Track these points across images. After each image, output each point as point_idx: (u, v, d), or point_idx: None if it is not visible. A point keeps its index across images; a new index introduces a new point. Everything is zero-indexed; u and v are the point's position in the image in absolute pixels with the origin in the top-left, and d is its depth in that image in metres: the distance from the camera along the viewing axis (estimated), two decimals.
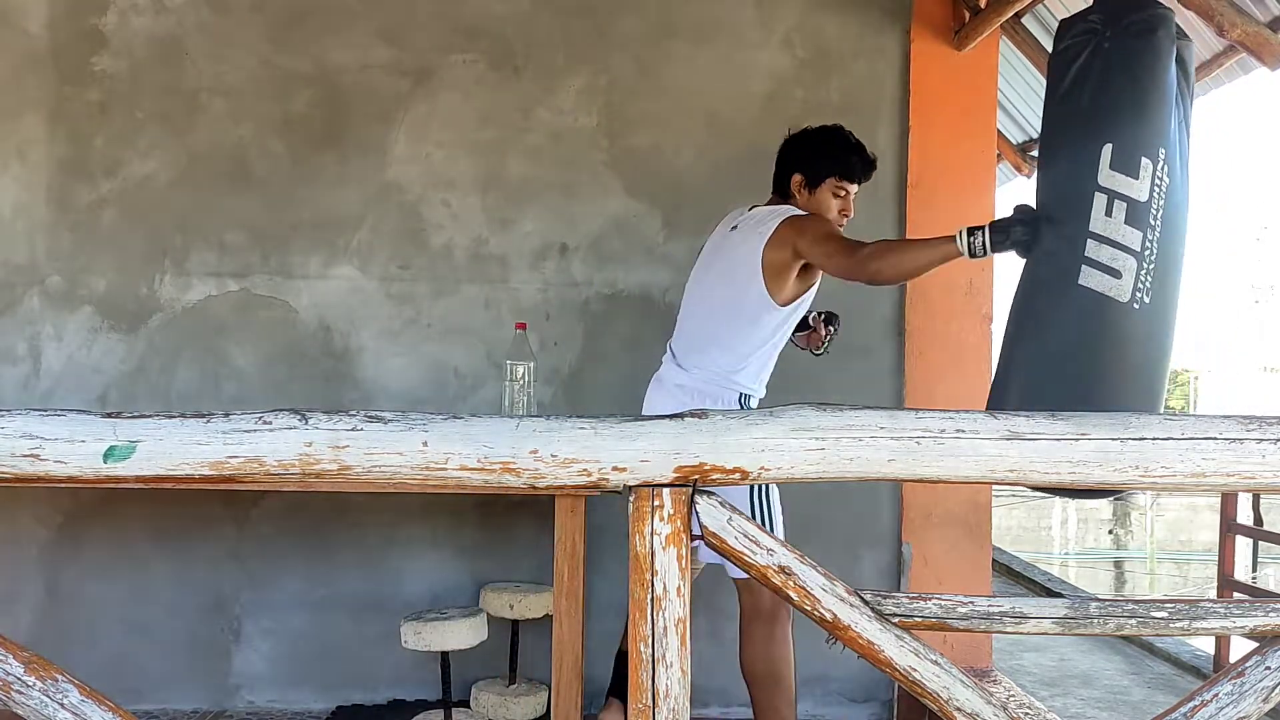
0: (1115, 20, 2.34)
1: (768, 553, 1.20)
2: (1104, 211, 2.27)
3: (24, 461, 1.15)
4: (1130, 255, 2.26)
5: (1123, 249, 2.26)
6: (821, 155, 2.75)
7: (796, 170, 2.76)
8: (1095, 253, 2.27)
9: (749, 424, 1.19)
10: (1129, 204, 2.26)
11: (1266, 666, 1.24)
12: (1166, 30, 2.31)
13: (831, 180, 2.73)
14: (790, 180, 2.76)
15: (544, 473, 1.17)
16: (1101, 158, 2.28)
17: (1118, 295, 2.26)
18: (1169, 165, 2.29)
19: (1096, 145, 2.29)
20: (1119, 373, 2.32)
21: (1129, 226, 2.26)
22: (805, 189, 2.75)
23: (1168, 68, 2.31)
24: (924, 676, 1.22)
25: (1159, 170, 2.27)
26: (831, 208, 2.74)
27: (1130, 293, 2.26)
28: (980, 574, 3.48)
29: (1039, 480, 1.22)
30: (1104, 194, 2.26)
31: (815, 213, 2.71)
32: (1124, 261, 2.26)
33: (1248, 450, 1.20)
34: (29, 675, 1.18)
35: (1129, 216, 2.26)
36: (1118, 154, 2.27)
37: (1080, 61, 2.36)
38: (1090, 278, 2.27)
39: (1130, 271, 2.26)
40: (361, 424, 1.17)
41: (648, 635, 1.17)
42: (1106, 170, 2.27)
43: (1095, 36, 2.36)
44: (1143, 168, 2.26)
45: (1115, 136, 2.28)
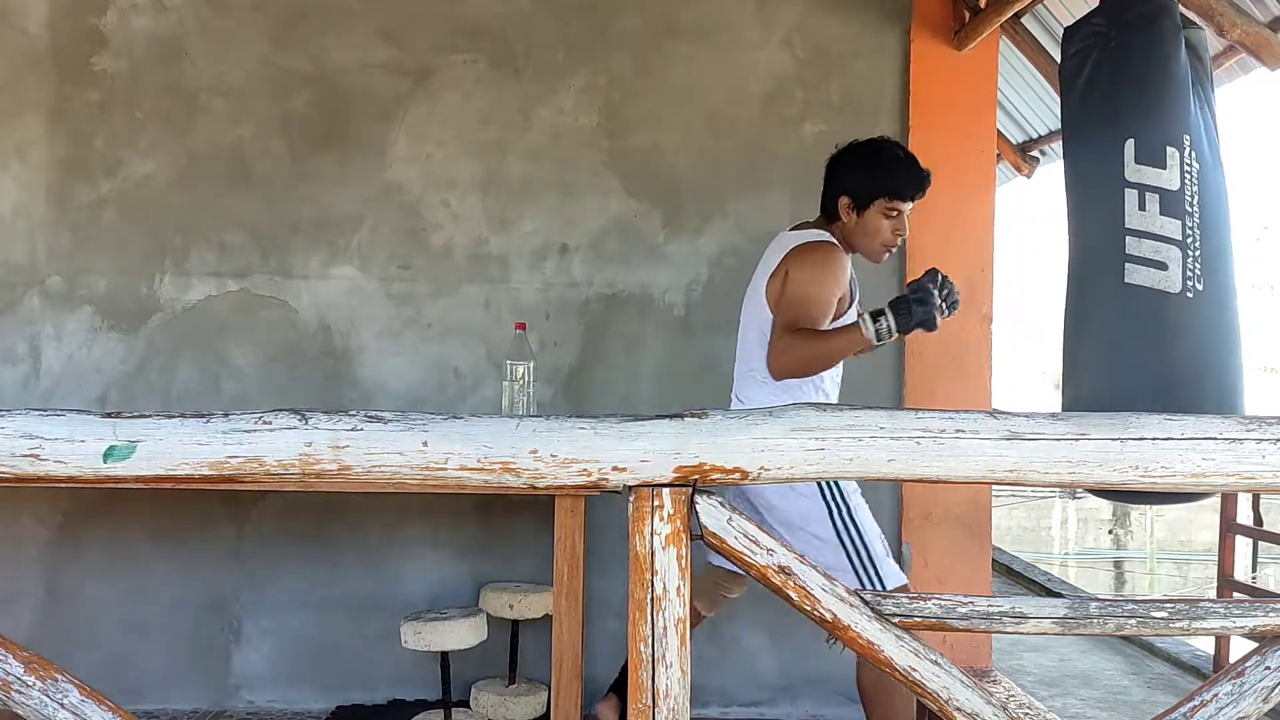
0: (1118, 18, 2.33)
1: (767, 553, 1.20)
2: (1137, 206, 2.24)
3: (24, 461, 1.15)
4: (1173, 245, 2.23)
5: (1164, 240, 2.23)
6: (869, 173, 2.57)
7: (843, 191, 2.58)
8: (1136, 248, 2.24)
9: (749, 424, 1.19)
10: (1161, 195, 2.23)
11: (1266, 666, 1.24)
12: (1170, 19, 2.30)
13: (881, 201, 2.55)
14: (838, 202, 2.59)
15: (544, 473, 1.17)
16: (1125, 153, 2.26)
17: (1168, 287, 2.23)
18: (1196, 150, 2.27)
19: (1117, 142, 2.27)
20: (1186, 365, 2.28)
21: (1166, 217, 2.23)
22: (854, 211, 2.57)
23: (1177, 55, 2.29)
24: (924, 676, 1.22)
25: (1187, 157, 2.25)
26: (884, 229, 2.57)
27: (1181, 283, 2.23)
28: (980, 574, 3.48)
29: (1039, 480, 1.22)
30: (1134, 189, 2.24)
31: (860, 237, 2.58)
32: (1168, 252, 2.23)
33: (1248, 450, 1.20)
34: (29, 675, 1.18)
35: (1164, 207, 2.23)
36: (1141, 147, 2.25)
37: (1090, 64, 2.35)
38: (1136, 274, 2.24)
39: (1176, 261, 2.23)
40: (361, 424, 1.17)
41: (648, 635, 1.17)
42: (1132, 165, 2.25)
43: (1101, 38, 2.35)
44: (1169, 156, 2.24)
45: (1135, 131, 2.26)
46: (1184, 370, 2.28)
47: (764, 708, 3.40)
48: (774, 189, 3.40)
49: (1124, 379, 2.30)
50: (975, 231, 3.48)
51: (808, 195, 3.43)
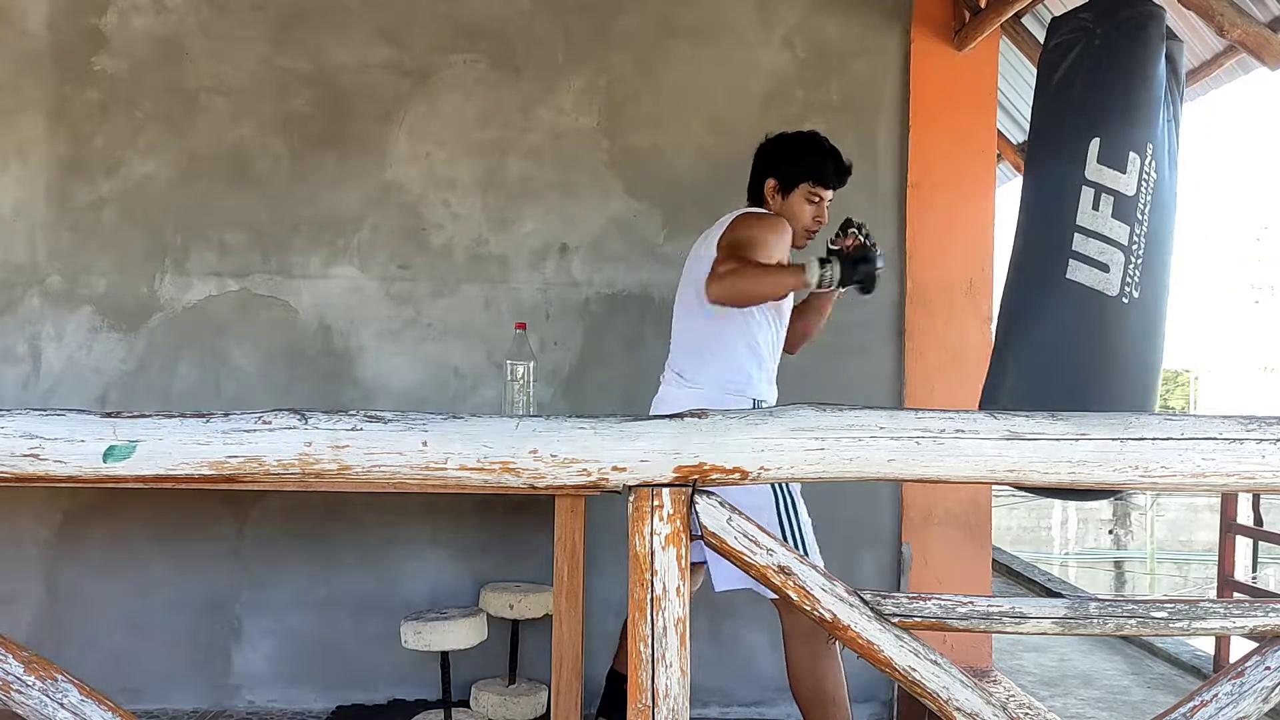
0: (1106, 17, 2.35)
1: (767, 553, 1.20)
2: (1091, 205, 2.27)
3: (24, 461, 1.15)
4: (1118, 249, 2.26)
5: (1110, 243, 2.26)
6: (795, 160, 2.69)
7: (770, 175, 2.71)
8: (1083, 246, 2.27)
9: (749, 424, 1.19)
10: (1116, 198, 2.26)
11: (1266, 666, 1.24)
12: (1156, 28, 2.32)
13: (805, 185, 2.68)
14: (764, 185, 2.72)
15: (544, 473, 1.17)
16: (1089, 152, 2.28)
17: (1106, 289, 2.26)
18: (1157, 160, 2.30)
19: (1084, 139, 2.29)
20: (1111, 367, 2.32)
21: (1116, 220, 2.26)
22: (779, 194, 2.70)
23: (1157, 65, 2.31)
24: (923, 676, 1.22)
25: (1147, 165, 2.28)
26: (805, 214, 2.69)
27: (1119, 286, 2.26)
28: (980, 574, 3.48)
29: (1039, 480, 1.22)
30: (1091, 187, 2.27)
31: (790, 220, 2.66)
32: (1112, 255, 2.26)
33: (1247, 450, 1.20)
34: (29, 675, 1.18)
35: (1116, 210, 2.26)
36: (1105, 148, 2.28)
37: (1071, 58, 2.37)
38: (1078, 272, 2.27)
39: (1118, 265, 2.26)
40: (361, 424, 1.17)
41: (647, 635, 1.17)
42: (1094, 164, 2.28)
43: (1086, 33, 2.36)
44: (1130, 162, 2.27)
45: (1103, 131, 2.28)
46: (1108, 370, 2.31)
47: (764, 708, 3.40)
48: None
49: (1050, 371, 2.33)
50: (975, 231, 3.48)
51: None
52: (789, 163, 2.69)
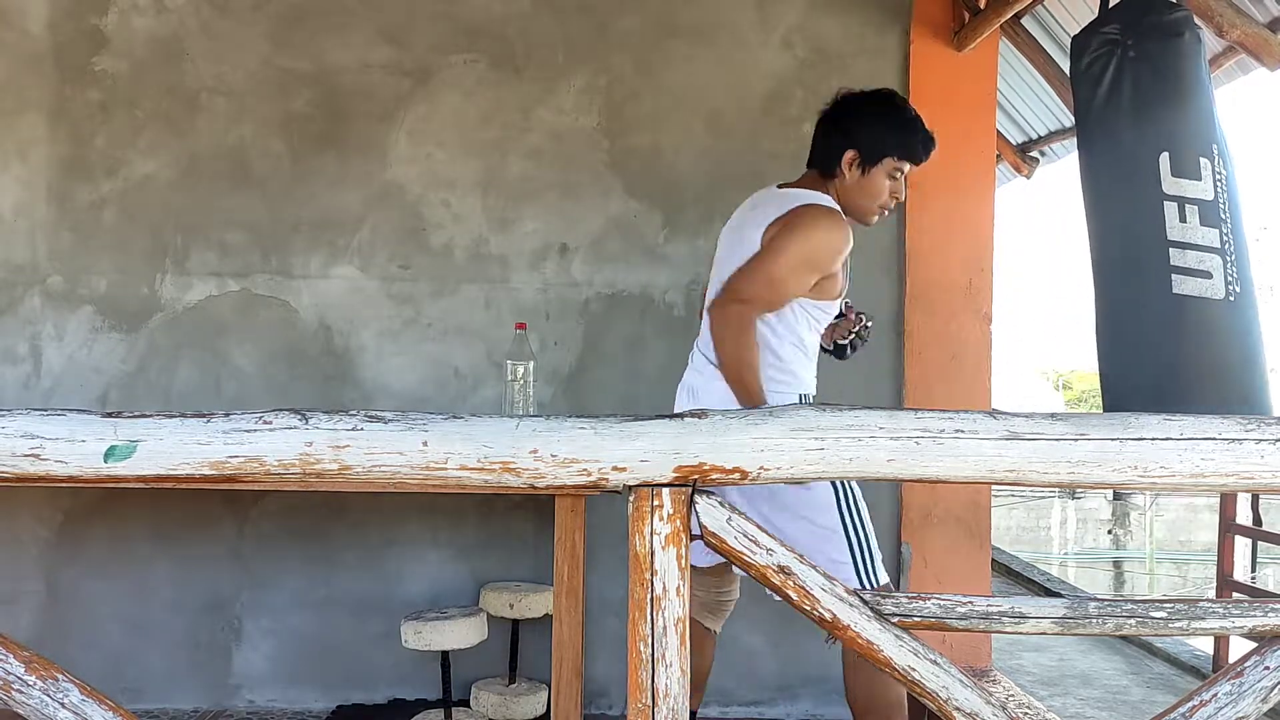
0: (1135, 28, 2.35)
1: (767, 552, 1.20)
2: (1178, 218, 2.29)
3: (24, 461, 1.15)
4: (1214, 254, 2.29)
5: (1206, 250, 2.29)
6: (885, 130, 2.39)
7: (851, 144, 2.37)
8: (1181, 259, 2.30)
9: (749, 424, 1.19)
10: (1200, 206, 2.29)
11: (1265, 666, 1.24)
12: (1192, 31, 2.33)
13: (890, 160, 2.38)
14: (842, 156, 2.37)
15: (544, 473, 1.18)
16: (1160, 167, 2.31)
17: (1214, 294, 2.29)
18: (1223, 158, 2.32)
19: (1152, 155, 2.31)
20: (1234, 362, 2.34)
21: (1205, 227, 2.29)
22: (859, 167, 2.37)
23: (1200, 66, 2.33)
24: (923, 676, 1.22)
25: (1217, 165, 2.31)
26: (883, 191, 2.40)
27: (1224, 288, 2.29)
28: (980, 574, 3.48)
29: (1038, 480, 1.22)
30: (1173, 201, 2.30)
31: (860, 197, 2.39)
32: (1211, 261, 2.29)
33: (1247, 450, 1.21)
34: (29, 674, 1.18)
35: (1203, 218, 2.29)
36: (1176, 159, 2.30)
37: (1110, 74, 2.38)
38: (1184, 284, 2.30)
39: (1219, 269, 2.29)
40: (361, 424, 1.17)
41: (647, 635, 1.17)
42: (1170, 178, 2.30)
43: (1118, 46, 2.37)
44: (1203, 168, 2.29)
45: (1169, 144, 2.31)
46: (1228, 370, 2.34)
47: (764, 708, 3.40)
48: None
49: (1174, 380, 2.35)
50: (975, 231, 3.48)
51: None
52: (878, 132, 2.38)
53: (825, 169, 2.41)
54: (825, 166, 2.41)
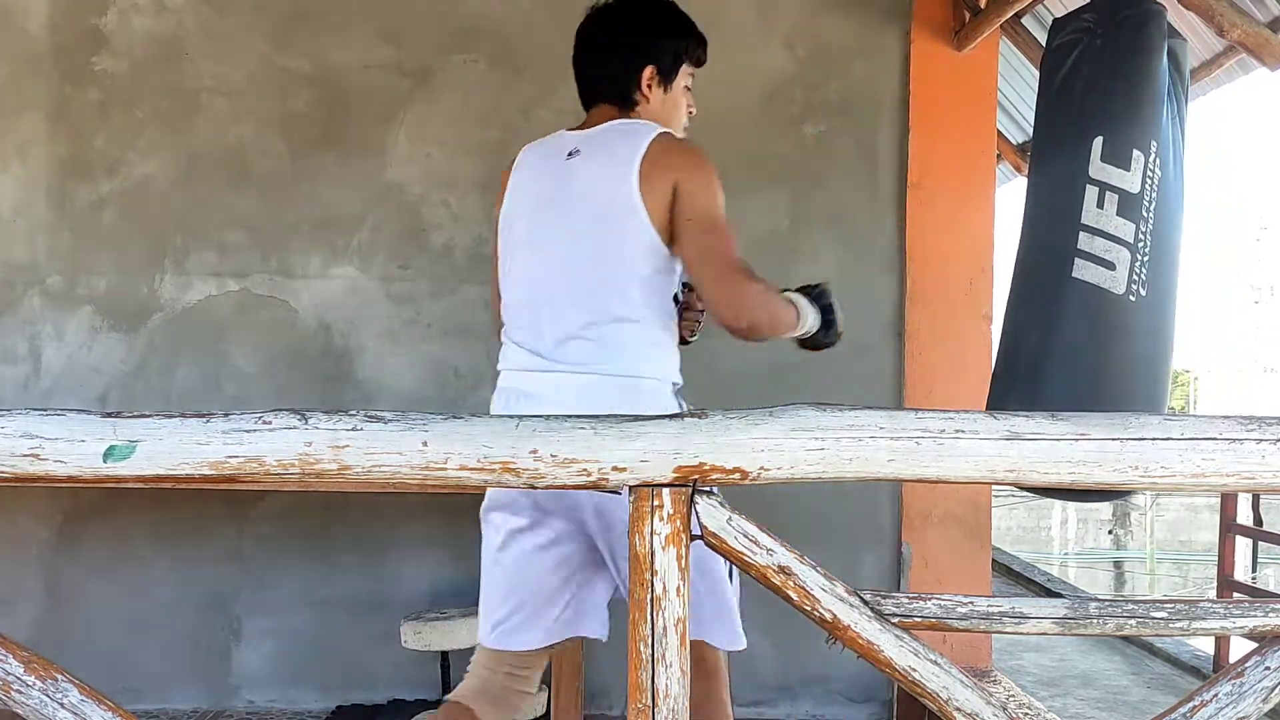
0: (1108, 17, 2.35)
1: (767, 553, 1.20)
2: (1095, 204, 2.27)
3: (24, 461, 1.15)
4: (1123, 247, 2.26)
5: (1116, 241, 2.27)
6: (670, 35, 2.03)
7: (647, 60, 1.96)
8: (1088, 245, 2.27)
9: (749, 424, 1.19)
10: (1121, 196, 2.27)
11: (1266, 667, 1.24)
12: (1158, 26, 2.32)
13: (686, 67, 2.04)
14: (639, 75, 1.95)
15: (544, 473, 1.17)
16: (1092, 150, 2.29)
17: (1112, 287, 2.26)
18: (1161, 158, 2.30)
19: (1087, 138, 2.30)
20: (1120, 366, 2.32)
21: (1121, 218, 2.27)
22: (661, 84, 1.99)
23: (1159, 62, 2.31)
24: (923, 676, 1.22)
25: (1151, 163, 2.28)
26: (683, 110, 2.06)
27: (1125, 284, 2.26)
28: (980, 574, 3.48)
29: (1039, 480, 1.22)
30: (1095, 186, 2.27)
31: (669, 118, 2.00)
32: (1117, 253, 2.26)
33: (1247, 450, 1.20)
34: (29, 675, 1.18)
35: (1121, 208, 2.27)
36: (1109, 146, 2.28)
37: (1072, 58, 2.37)
38: (1084, 270, 2.28)
39: (1124, 263, 2.26)
40: (361, 424, 1.16)
41: (648, 635, 1.17)
42: (1098, 163, 2.28)
43: (1088, 33, 2.37)
44: (1134, 160, 2.27)
45: (1106, 130, 2.29)
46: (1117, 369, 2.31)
47: (764, 708, 3.40)
48: (774, 189, 3.40)
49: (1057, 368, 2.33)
50: (975, 231, 3.48)
51: (808, 195, 3.44)
52: (666, 41, 2.01)
53: (621, 97, 1.97)
54: (621, 94, 1.97)
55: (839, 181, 3.44)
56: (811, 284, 2.00)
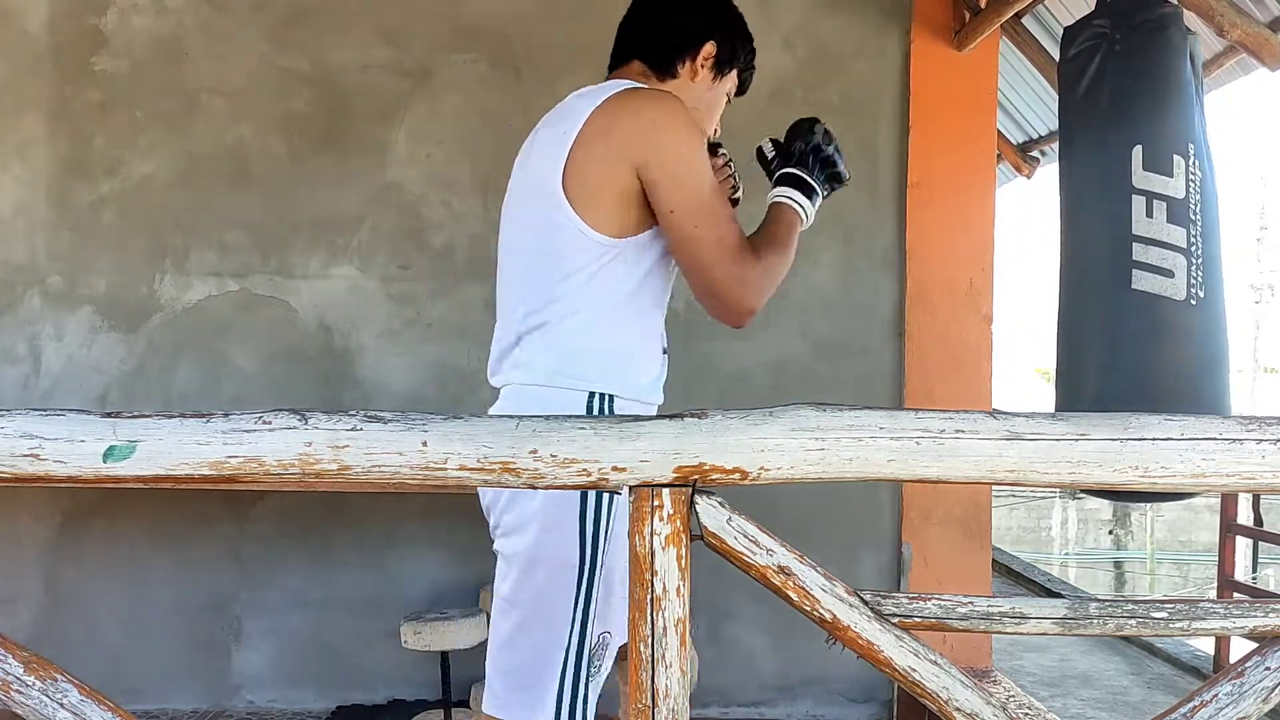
0: (1123, 22, 2.35)
1: (767, 553, 1.20)
2: (1144, 213, 2.27)
3: (24, 461, 1.15)
4: (1179, 253, 2.26)
5: (1170, 248, 2.27)
6: (742, 33, 1.88)
7: (715, 35, 1.79)
8: (1143, 255, 2.27)
9: (749, 424, 1.19)
10: (1168, 203, 2.27)
11: (1266, 667, 1.24)
12: (1178, 27, 2.32)
13: (735, 74, 1.86)
14: (700, 46, 1.76)
15: (544, 473, 1.17)
16: (1132, 160, 2.29)
17: (1173, 294, 2.26)
18: (1199, 158, 2.30)
19: (1125, 148, 2.30)
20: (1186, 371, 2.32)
21: (1172, 225, 2.27)
22: (714, 71, 1.80)
23: (1184, 63, 2.32)
24: (923, 676, 1.22)
25: (1191, 166, 2.28)
26: (716, 114, 1.86)
27: (1185, 290, 2.26)
28: (980, 574, 3.48)
29: (1039, 480, 1.22)
30: (1141, 195, 2.27)
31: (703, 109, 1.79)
32: (1174, 260, 2.26)
33: (1248, 450, 1.20)
34: (28, 675, 1.17)
35: (1170, 215, 2.27)
36: (1149, 154, 2.28)
37: (1094, 67, 2.37)
38: (1143, 280, 2.27)
39: (1181, 269, 2.26)
40: (361, 424, 1.16)
41: (647, 635, 1.17)
42: (1140, 172, 2.28)
43: (1105, 40, 2.36)
44: (1175, 165, 2.27)
45: (1143, 137, 2.29)
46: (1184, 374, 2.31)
47: (764, 708, 3.40)
48: None
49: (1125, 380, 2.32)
50: (975, 231, 3.48)
51: None
52: (740, 36, 1.86)
53: (661, 61, 1.76)
54: (663, 56, 1.76)
55: None
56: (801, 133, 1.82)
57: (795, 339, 3.40)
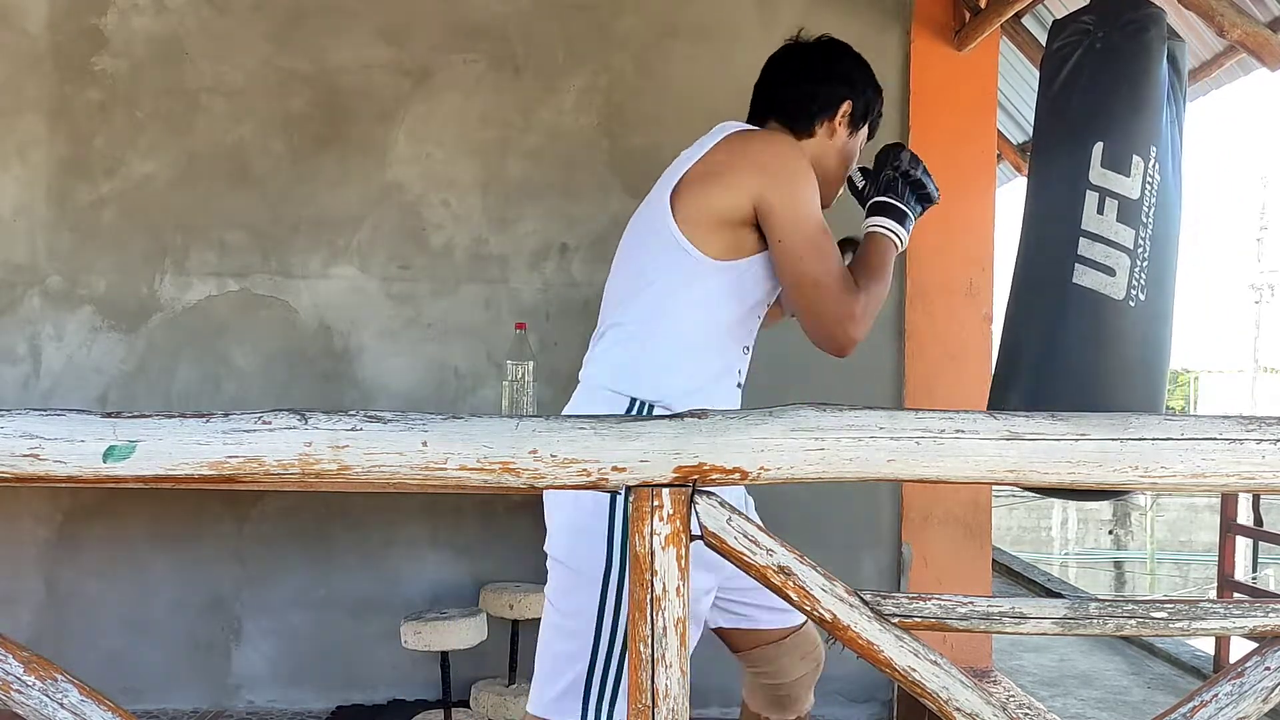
0: (1108, 20, 2.35)
1: (767, 553, 1.20)
2: (1096, 209, 2.28)
3: (24, 461, 1.15)
4: (1123, 253, 2.27)
5: (1115, 246, 2.27)
6: (876, 90, 1.97)
7: (852, 94, 1.89)
8: (1088, 250, 2.28)
9: (749, 424, 1.19)
10: (1120, 202, 2.27)
11: (1266, 667, 1.24)
12: (1158, 29, 2.32)
13: (864, 130, 1.95)
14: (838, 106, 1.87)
15: (544, 473, 1.17)
16: (1092, 156, 2.29)
17: (1112, 293, 2.27)
18: (1160, 163, 2.30)
19: (1087, 144, 2.30)
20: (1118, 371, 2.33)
21: (1121, 224, 2.27)
22: (849, 127, 1.90)
23: (1159, 66, 2.32)
24: (923, 676, 1.22)
25: (1150, 168, 2.29)
26: (852, 163, 1.94)
27: (1125, 290, 2.27)
28: (980, 574, 3.48)
29: (1039, 480, 1.22)
30: (1095, 192, 2.28)
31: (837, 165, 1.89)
32: (1117, 259, 2.27)
33: (1248, 450, 1.20)
34: (28, 675, 1.17)
35: (1121, 214, 2.27)
36: (1109, 152, 2.28)
37: (1072, 61, 2.37)
38: (1084, 276, 2.28)
39: (1124, 269, 2.26)
40: (361, 424, 1.16)
41: (647, 635, 1.17)
42: (1098, 168, 2.28)
43: (1088, 36, 2.37)
44: (1134, 166, 2.27)
45: (1106, 135, 2.29)
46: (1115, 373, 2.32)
47: None
48: None
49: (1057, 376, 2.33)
50: (975, 231, 3.48)
51: None
52: (874, 93, 1.96)
53: (799, 120, 1.84)
54: (802, 115, 1.84)
55: None
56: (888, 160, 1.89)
57: (795, 339, 3.40)
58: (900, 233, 1.88)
